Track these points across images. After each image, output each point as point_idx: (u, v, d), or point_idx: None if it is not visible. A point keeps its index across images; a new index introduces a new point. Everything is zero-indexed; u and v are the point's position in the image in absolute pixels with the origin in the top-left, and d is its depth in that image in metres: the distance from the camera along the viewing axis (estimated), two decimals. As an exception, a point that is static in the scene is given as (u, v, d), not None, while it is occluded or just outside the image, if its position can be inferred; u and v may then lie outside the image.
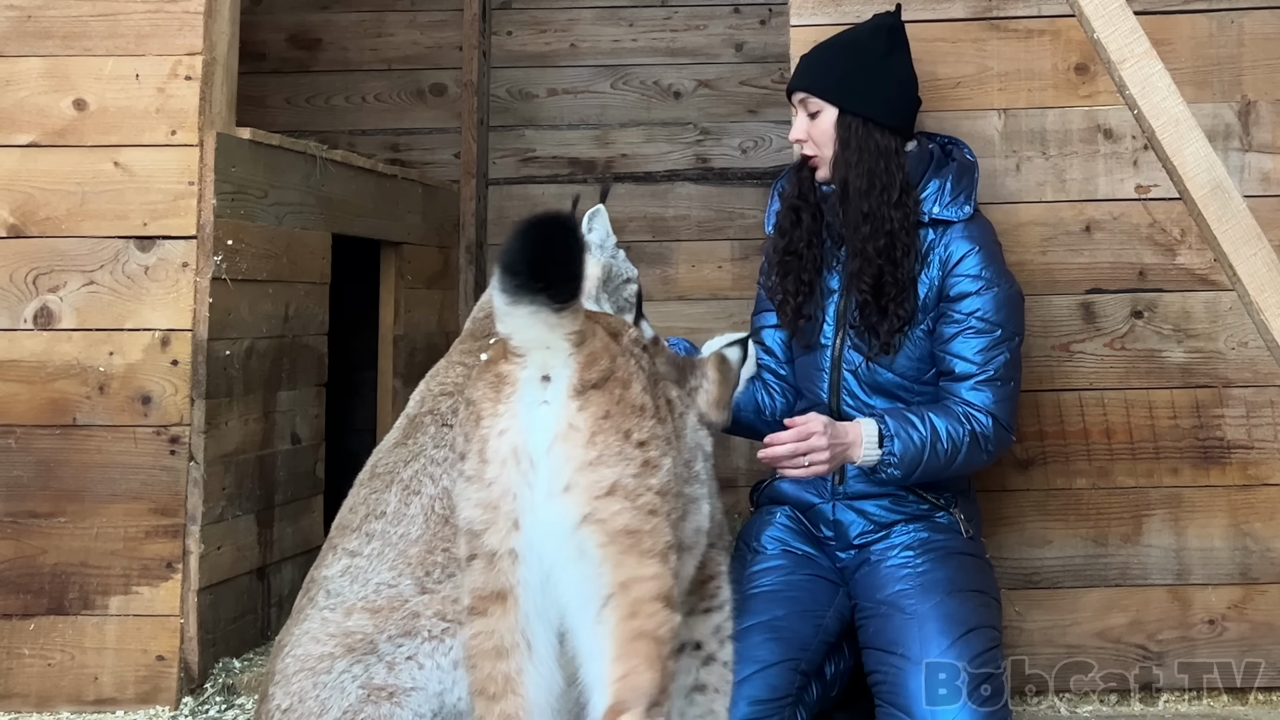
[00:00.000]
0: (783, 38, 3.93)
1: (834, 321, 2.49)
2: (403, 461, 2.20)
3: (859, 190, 2.43)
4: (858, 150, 2.43)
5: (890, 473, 2.33)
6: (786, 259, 2.52)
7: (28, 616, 2.76)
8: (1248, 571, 2.75)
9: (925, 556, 2.39)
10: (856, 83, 2.46)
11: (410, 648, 2.04)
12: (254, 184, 2.99)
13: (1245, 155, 2.79)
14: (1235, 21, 2.81)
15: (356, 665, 2.01)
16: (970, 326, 2.40)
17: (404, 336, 3.88)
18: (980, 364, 2.38)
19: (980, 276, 2.41)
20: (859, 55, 2.48)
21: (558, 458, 1.70)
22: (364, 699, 1.98)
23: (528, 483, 1.70)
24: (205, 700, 2.76)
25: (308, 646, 2.04)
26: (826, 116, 2.47)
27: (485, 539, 1.72)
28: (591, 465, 1.69)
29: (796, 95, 2.53)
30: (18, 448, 2.79)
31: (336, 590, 2.10)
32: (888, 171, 2.43)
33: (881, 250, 2.40)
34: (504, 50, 4.68)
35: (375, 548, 2.15)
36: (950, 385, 2.40)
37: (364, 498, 2.22)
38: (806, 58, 2.57)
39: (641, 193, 4.58)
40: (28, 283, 2.82)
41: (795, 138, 2.53)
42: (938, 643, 2.24)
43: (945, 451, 2.33)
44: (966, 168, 2.52)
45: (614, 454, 1.70)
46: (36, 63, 2.87)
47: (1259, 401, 2.76)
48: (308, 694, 2.00)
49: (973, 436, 2.35)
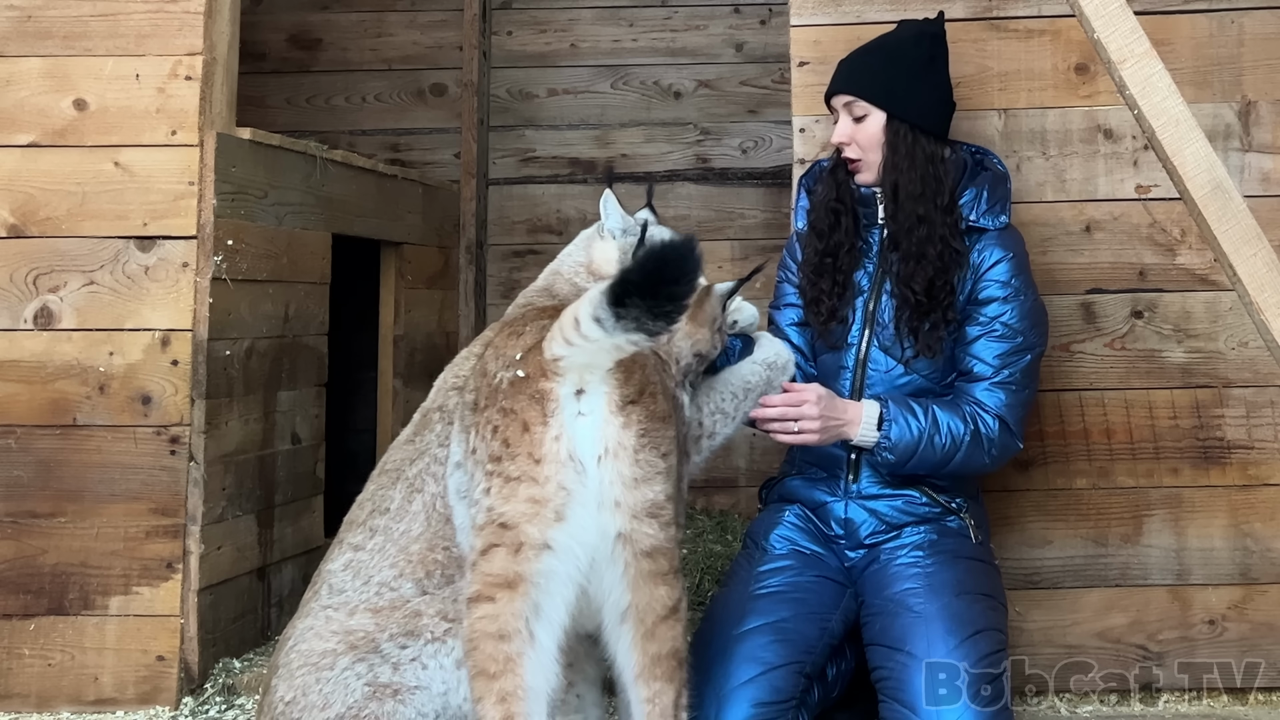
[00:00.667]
0: (783, 38, 3.92)
1: (861, 321, 2.49)
2: (409, 459, 2.23)
3: (912, 195, 2.44)
4: (908, 156, 2.45)
5: (885, 456, 2.36)
6: (825, 260, 2.52)
7: (28, 616, 2.76)
8: (1248, 572, 2.75)
9: (935, 557, 2.39)
10: (904, 88, 2.47)
11: (414, 649, 2.06)
12: (254, 184, 2.99)
13: (1245, 155, 2.79)
14: (1235, 21, 2.81)
15: (360, 663, 2.03)
16: (993, 331, 2.43)
17: (404, 336, 3.88)
18: (997, 367, 2.41)
19: (1009, 284, 2.45)
20: (904, 61, 2.49)
21: (609, 472, 1.83)
22: (369, 696, 2.01)
23: (581, 483, 1.83)
24: (205, 700, 2.76)
25: (311, 642, 2.07)
26: (874, 121, 2.47)
27: (524, 529, 1.82)
28: (636, 484, 1.83)
29: (841, 98, 2.51)
30: (18, 448, 2.79)
31: (339, 586, 2.13)
32: (937, 178, 2.46)
33: (939, 254, 2.43)
34: (504, 50, 4.68)
35: (378, 543, 2.17)
36: (964, 385, 2.42)
37: (371, 493, 2.25)
38: (849, 62, 2.55)
39: (641, 193, 4.56)
40: (28, 283, 2.82)
41: (839, 140, 2.51)
42: (944, 642, 2.24)
43: (943, 446, 2.35)
44: (1000, 178, 2.54)
45: (654, 472, 1.85)
46: (37, 63, 2.87)
47: (1259, 401, 2.76)
48: (310, 688, 2.03)
49: (975, 436, 2.36)
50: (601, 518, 1.85)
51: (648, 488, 1.86)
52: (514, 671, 1.81)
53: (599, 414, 1.85)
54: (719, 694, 2.20)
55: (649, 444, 1.86)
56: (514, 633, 1.82)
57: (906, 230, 2.45)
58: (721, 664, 2.24)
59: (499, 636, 1.82)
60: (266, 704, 2.09)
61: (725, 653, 2.26)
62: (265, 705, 2.10)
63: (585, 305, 1.77)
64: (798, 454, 2.57)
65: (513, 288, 4.55)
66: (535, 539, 1.83)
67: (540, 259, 4.56)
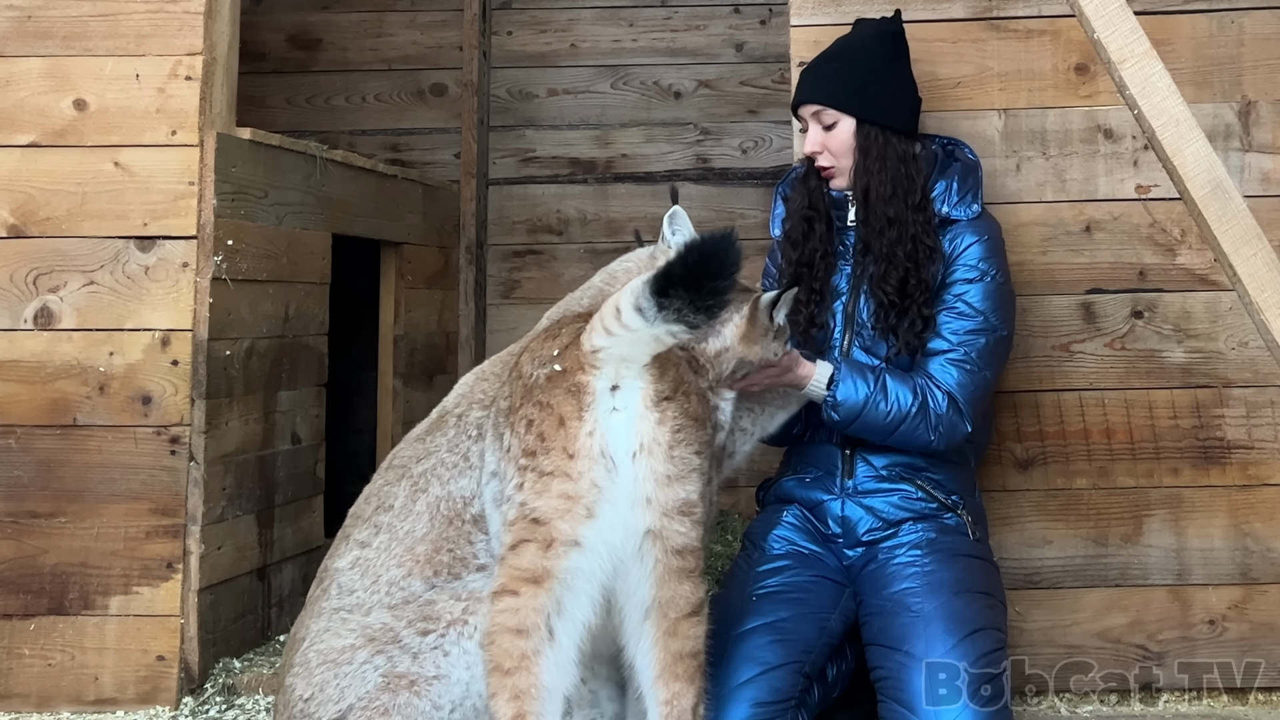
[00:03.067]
0: (783, 38, 3.93)
1: (842, 324, 2.50)
2: (416, 458, 2.23)
3: (882, 197, 2.45)
4: (879, 158, 2.46)
5: (829, 414, 2.37)
6: (800, 270, 2.52)
7: (28, 616, 2.76)
8: (1248, 571, 2.75)
9: (933, 556, 2.40)
10: (870, 91, 2.47)
11: (434, 637, 2.06)
12: (254, 184, 2.99)
13: (1245, 155, 2.79)
14: (1235, 21, 2.81)
15: (379, 655, 2.04)
16: (954, 308, 2.44)
17: (404, 336, 3.88)
18: (954, 344, 2.42)
19: (977, 266, 2.46)
20: (868, 63, 2.49)
21: (642, 469, 1.84)
22: (382, 687, 2.01)
23: (612, 481, 1.84)
24: (205, 700, 2.76)
25: (329, 640, 2.07)
26: (844, 127, 2.48)
27: (556, 525, 1.84)
28: (670, 481, 1.84)
29: (809, 108, 2.52)
30: (18, 448, 2.79)
31: (348, 585, 2.13)
32: (908, 176, 2.47)
33: (909, 254, 2.43)
34: (504, 50, 4.68)
35: (383, 541, 2.17)
36: (922, 360, 2.43)
37: (377, 489, 2.26)
38: (813, 70, 2.55)
39: (641, 193, 4.58)
40: (28, 283, 2.82)
41: (811, 150, 2.51)
42: (943, 641, 2.24)
43: (887, 413, 2.35)
44: (970, 167, 2.54)
45: (688, 470, 1.85)
46: (36, 63, 2.87)
47: (1259, 401, 2.76)
48: (328, 683, 2.04)
49: (921, 409, 2.37)
50: (633, 515, 1.86)
51: (680, 486, 1.87)
52: (529, 669, 1.82)
53: (634, 409, 1.86)
54: (718, 694, 2.20)
55: (683, 440, 1.87)
56: (533, 628, 1.83)
57: (878, 233, 2.45)
58: (721, 664, 2.24)
59: (517, 631, 1.83)
60: (283, 703, 2.10)
61: (724, 653, 2.25)
62: (282, 704, 2.10)
63: (627, 295, 1.78)
64: (793, 455, 2.58)
65: (513, 288, 4.56)
66: (567, 535, 1.84)
67: (540, 259, 4.59)
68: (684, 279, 1.73)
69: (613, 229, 4.57)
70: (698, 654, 1.94)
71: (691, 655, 1.92)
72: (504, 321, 4.50)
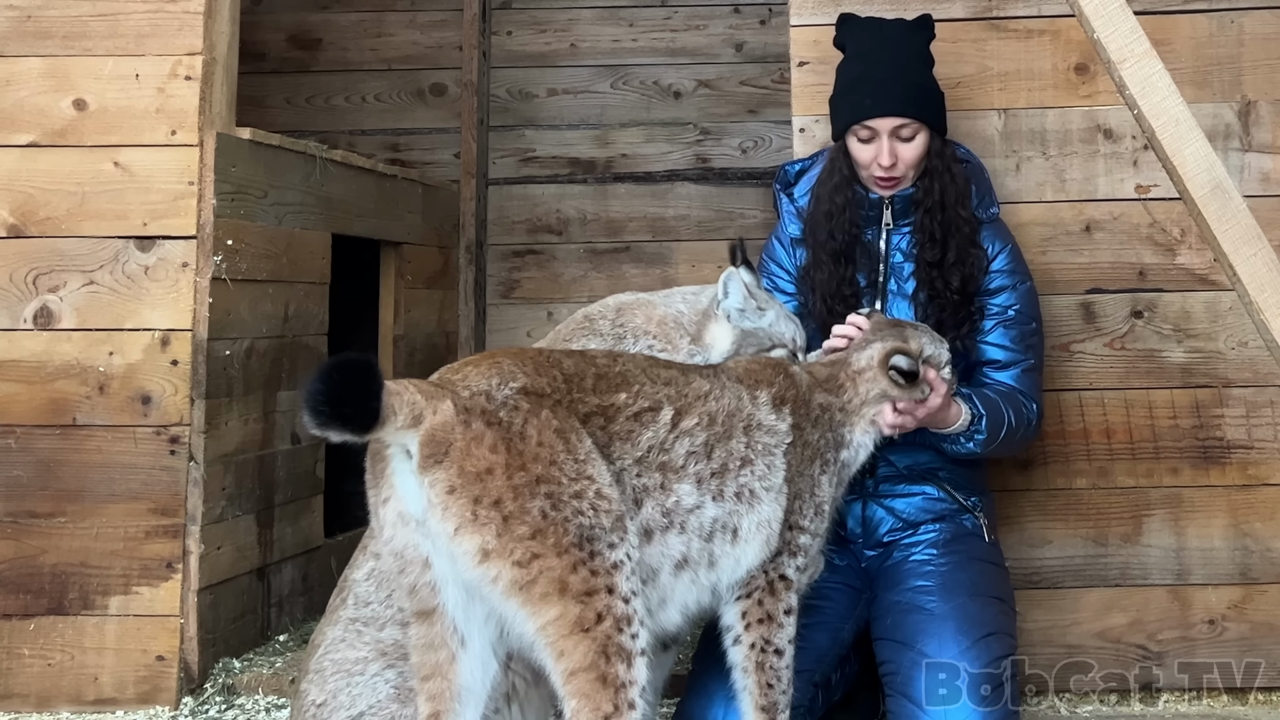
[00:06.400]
0: (783, 38, 3.92)
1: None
2: None
3: (952, 202, 2.47)
4: (947, 168, 2.48)
5: (965, 445, 2.34)
6: (844, 276, 2.49)
7: (28, 616, 2.76)
8: (1248, 571, 2.75)
9: (949, 556, 2.40)
10: (938, 102, 2.49)
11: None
12: (254, 184, 2.99)
13: (1245, 155, 2.79)
14: (1235, 21, 2.81)
15: (389, 669, 2.08)
16: (1007, 319, 2.47)
17: (404, 336, 3.88)
18: (1021, 352, 2.47)
19: (1014, 272, 2.50)
20: (926, 71, 2.49)
21: (434, 528, 1.80)
22: (393, 697, 2.04)
23: (424, 534, 1.82)
24: (205, 700, 2.76)
25: (344, 650, 2.11)
26: (922, 139, 2.45)
27: (403, 579, 1.86)
28: (455, 536, 1.79)
29: (888, 121, 2.41)
30: (18, 448, 2.79)
31: (364, 596, 2.17)
32: (966, 179, 2.51)
33: (969, 255, 2.46)
34: (504, 50, 4.68)
35: None
36: (993, 374, 2.46)
37: None
38: (890, 81, 2.43)
39: (641, 193, 4.58)
40: (28, 283, 2.82)
41: (889, 163, 2.42)
42: (956, 643, 2.24)
43: (1014, 431, 2.39)
44: (979, 169, 2.57)
45: (469, 522, 1.79)
46: (36, 63, 2.87)
47: (1259, 401, 2.76)
48: (341, 691, 2.08)
49: (1019, 417, 2.41)
50: (454, 565, 1.82)
51: (467, 537, 1.81)
52: (443, 676, 1.85)
53: (414, 475, 1.83)
54: (729, 701, 2.19)
55: (457, 500, 1.81)
56: (440, 645, 1.86)
57: (940, 237, 2.45)
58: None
59: (429, 648, 1.86)
60: (298, 707, 2.15)
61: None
62: (297, 709, 2.15)
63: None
64: None
65: (513, 288, 4.56)
66: (418, 582, 1.86)
67: (540, 259, 4.59)
68: (312, 395, 1.76)
69: (612, 229, 4.57)
70: (594, 665, 1.83)
71: (584, 669, 1.83)
72: (504, 321, 4.50)
